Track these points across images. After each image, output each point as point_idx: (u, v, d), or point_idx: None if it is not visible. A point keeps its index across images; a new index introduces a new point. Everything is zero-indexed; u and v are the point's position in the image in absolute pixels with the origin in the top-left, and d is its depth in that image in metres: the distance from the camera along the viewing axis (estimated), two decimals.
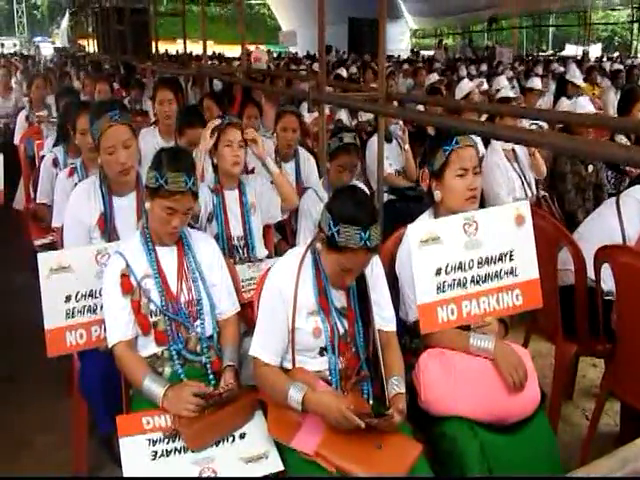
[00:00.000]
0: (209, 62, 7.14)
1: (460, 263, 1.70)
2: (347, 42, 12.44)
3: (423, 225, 1.76)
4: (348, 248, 1.50)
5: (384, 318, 1.70)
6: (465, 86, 4.36)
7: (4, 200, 3.59)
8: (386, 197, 3.30)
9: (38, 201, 3.06)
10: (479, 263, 1.71)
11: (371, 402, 1.62)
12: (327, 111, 4.37)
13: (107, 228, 2.15)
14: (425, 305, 1.68)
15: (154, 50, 7.69)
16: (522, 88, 5.66)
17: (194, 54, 10.01)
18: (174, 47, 15.19)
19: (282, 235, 2.80)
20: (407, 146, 3.66)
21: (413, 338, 1.77)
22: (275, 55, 13.98)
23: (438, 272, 1.69)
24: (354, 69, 8.52)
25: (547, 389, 1.79)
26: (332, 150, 2.59)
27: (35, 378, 2.66)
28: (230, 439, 1.58)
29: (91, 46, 13.84)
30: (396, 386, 1.57)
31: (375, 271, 1.71)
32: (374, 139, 3.43)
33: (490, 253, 1.72)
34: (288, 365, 1.65)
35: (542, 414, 1.64)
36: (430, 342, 1.71)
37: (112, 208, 2.17)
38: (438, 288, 1.68)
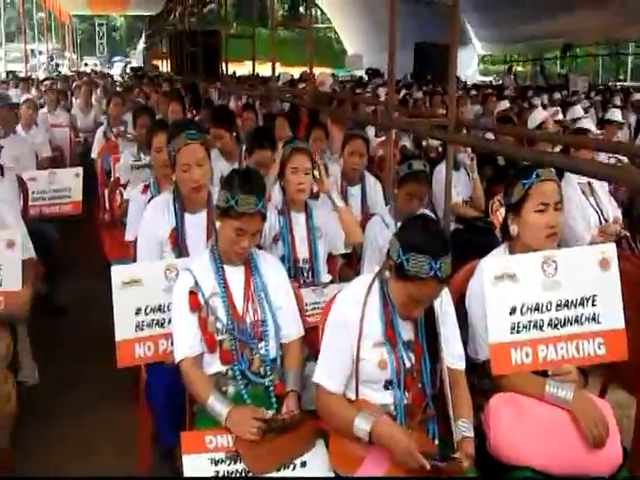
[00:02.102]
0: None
1: (537, 304, 1.62)
2: (412, 67, 12.47)
3: (498, 261, 1.70)
4: (418, 277, 1.46)
5: (453, 355, 1.64)
6: (538, 115, 4.23)
7: (82, 211, 3.79)
8: (452, 226, 3.22)
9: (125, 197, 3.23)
10: (558, 306, 1.63)
11: (436, 442, 1.55)
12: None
13: (178, 243, 2.20)
14: (498, 345, 1.60)
15: (224, 71, 7.96)
16: (599, 119, 5.44)
17: (261, 75, 10.31)
18: (242, 68, 15.69)
19: (346, 260, 2.78)
20: (475, 174, 3.58)
21: (482, 378, 1.70)
22: (343, 78, 14.13)
23: (513, 311, 1.62)
24: (420, 94, 8.49)
25: (625, 444, 1.65)
26: (400, 177, 2.55)
27: (102, 385, 2.74)
28: (291, 466, 1.57)
29: (165, 66, 14.55)
30: (464, 429, 1.51)
31: (444, 305, 1.66)
32: (441, 167, 3.36)
33: (570, 296, 1.63)
34: (351, 396, 1.61)
35: (624, 474, 1.52)
36: (501, 385, 1.63)
37: (184, 224, 2.23)
38: (512, 328, 1.61)
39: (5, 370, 2.08)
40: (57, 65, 19.98)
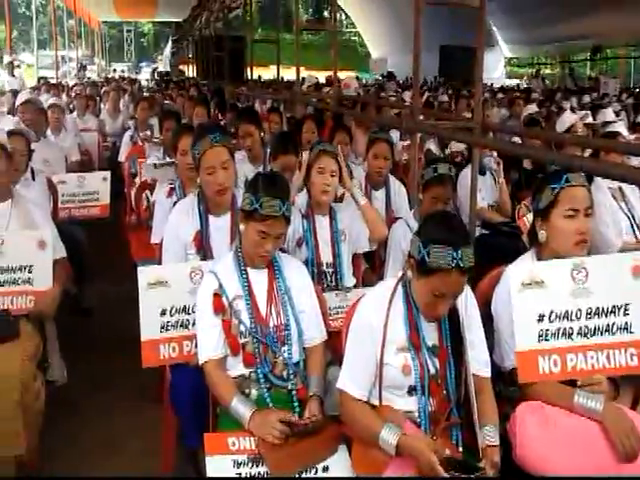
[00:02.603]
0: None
1: (566, 312, 1.59)
2: (438, 70, 12.39)
3: (526, 267, 1.67)
4: (440, 269, 1.44)
5: (479, 361, 1.62)
6: (567, 118, 4.14)
7: (109, 213, 3.86)
8: (478, 231, 3.18)
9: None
10: (588, 314, 1.59)
11: (460, 449, 1.52)
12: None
13: (202, 246, 2.22)
14: (525, 352, 1.57)
15: (249, 76, 8.02)
16: (631, 122, 5.31)
17: (286, 79, 10.37)
18: (267, 72, 15.80)
19: (370, 264, 2.77)
20: (502, 179, 3.52)
21: (508, 386, 1.67)
22: (366, 82, 14.09)
23: (541, 318, 1.59)
24: (445, 97, 8.42)
25: None
26: (425, 181, 2.52)
27: (128, 385, 2.78)
28: (313, 471, 1.57)
29: (191, 71, 14.74)
30: (490, 437, 1.48)
31: (470, 310, 1.63)
32: (467, 171, 3.32)
33: (601, 304, 1.59)
34: (375, 401, 1.60)
35: None
36: (528, 393, 1.59)
37: (208, 227, 2.24)
38: (540, 336, 1.58)
39: (34, 368, 2.12)
40: (85, 68, 20.46)
